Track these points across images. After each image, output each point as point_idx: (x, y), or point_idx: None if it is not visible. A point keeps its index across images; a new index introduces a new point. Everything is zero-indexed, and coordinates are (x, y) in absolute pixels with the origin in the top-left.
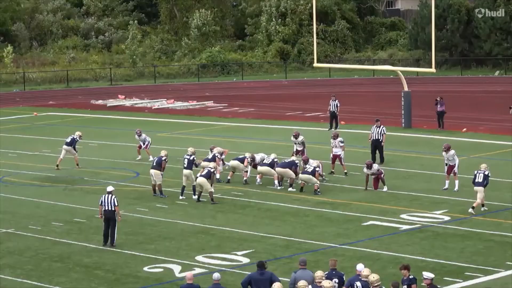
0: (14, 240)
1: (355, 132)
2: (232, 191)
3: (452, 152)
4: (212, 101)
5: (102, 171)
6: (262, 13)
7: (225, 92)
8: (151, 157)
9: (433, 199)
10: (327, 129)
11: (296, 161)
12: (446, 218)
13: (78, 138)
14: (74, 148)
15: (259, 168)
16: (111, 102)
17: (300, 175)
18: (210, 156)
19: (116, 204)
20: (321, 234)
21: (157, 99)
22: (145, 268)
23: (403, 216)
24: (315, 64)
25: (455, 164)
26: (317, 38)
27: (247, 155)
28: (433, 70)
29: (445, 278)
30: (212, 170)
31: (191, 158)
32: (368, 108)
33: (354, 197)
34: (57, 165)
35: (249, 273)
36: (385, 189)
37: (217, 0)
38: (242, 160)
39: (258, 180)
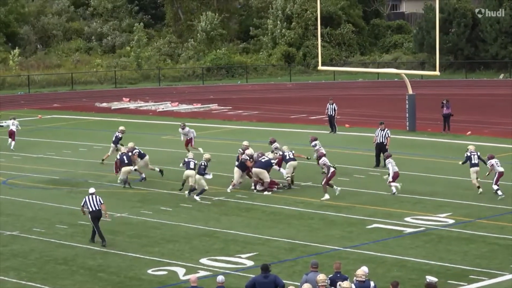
0: (18, 242)
1: (360, 135)
2: (237, 193)
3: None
4: (216, 104)
5: (107, 173)
6: (268, 16)
7: (230, 95)
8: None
9: (437, 202)
10: (329, 132)
11: (273, 161)
12: (450, 221)
13: (120, 135)
14: (116, 146)
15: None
16: (115, 105)
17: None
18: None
19: (102, 202)
20: (325, 237)
21: (161, 101)
22: (149, 271)
23: (407, 219)
24: (320, 67)
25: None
26: (322, 41)
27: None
28: (437, 73)
29: (449, 282)
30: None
31: (195, 160)
32: (373, 111)
33: (358, 200)
34: (103, 160)
35: (253, 276)
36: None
37: (224, 2)
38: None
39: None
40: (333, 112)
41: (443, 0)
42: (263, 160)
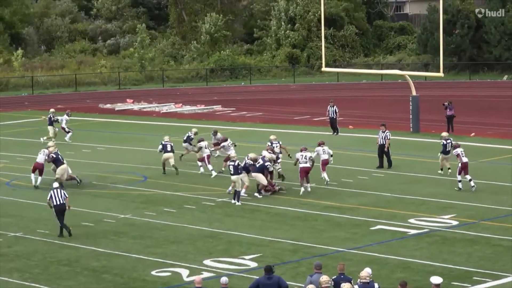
0: (22, 243)
1: (363, 136)
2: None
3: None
4: (220, 105)
5: (110, 175)
6: (271, 17)
7: (233, 96)
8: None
9: (441, 204)
10: (331, 133)
11: (267, 164)
12: (454, 222)
13: (192, 135)
14: (190, 144)
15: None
16: (119, 106)
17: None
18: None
19: (67, 196)
20: (329, 238)
21: (165, 103)
22: (153, 272)
23: (411, 220)
24: (324, 69)
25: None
26: (325, 42)
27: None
28: (441, 74)
29: (453, 283)
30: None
31: (236, 164)
32: (376, 113)
33: (362, 201)
34: (181, 156)
35: (257, 277)
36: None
37: (228, 4)
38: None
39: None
40: (334, 114)
41: (447, 2)
42: (257, 165)
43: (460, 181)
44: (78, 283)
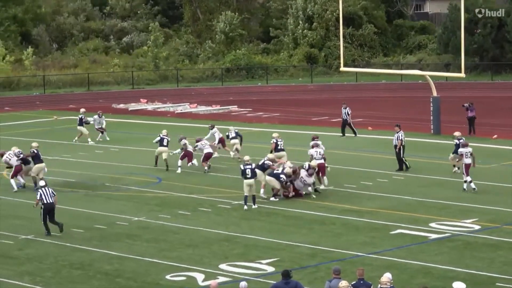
0: (33, 246)
1: (382, 138)
2: (257, 197)
3: None
4: (236, 106)
5: (124, 176)
6: (288, 16)
7: (250, 96)
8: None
9: (463, 208)
10: (340, 136)
11: (282, 178)
12: (477, 227)
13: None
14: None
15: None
16: (133, 106)
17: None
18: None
19: (55, 194)
20: (348, 242)
21: (180, 103)
22: (168, 276)
23: (432, 224)
24: (342, 68)
25: None
26: (344, 42)
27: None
28: (462, 75)
29: None
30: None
31: (253, 166)
32: (396, 114)
33: (382, 204)
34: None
35: (274, 282)
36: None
37: (244, 2)
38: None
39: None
40: (347, 116)
41: (468, 0)
42: (274, 172)
43: (465, 181)
44: (90, 287)
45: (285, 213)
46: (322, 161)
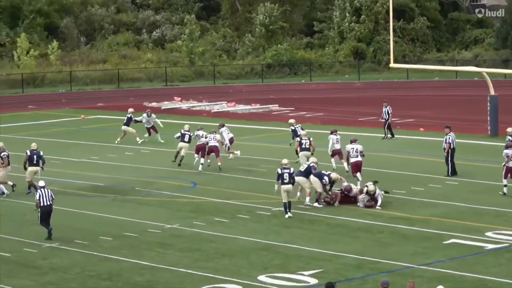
0: (58, 255)
1: (435, 140)
2: (299, 204)
3: None
4: (277, 105)
5: (155, 180)
6: (334, 8)
7: (292, 94)
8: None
9: None
10: (382, 138)
11: (325, 180)
12: None
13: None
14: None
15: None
16: (166, 105)
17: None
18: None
19: (54, 197)
20: (397, 253)
21: (216, 101)
22: None
23: (488, 233)
24: (392, 65)
25: None
26: (394, 36)
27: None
28: None
29: None
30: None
31: (291, 171)
32: (450, 114)
33: (434, 212)
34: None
35: None
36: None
37: None
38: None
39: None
40: (387, 116)
41: None
42: (321, 172)
43: (505, 185)
44: None
45: (329, 220)
46: (359, 158)
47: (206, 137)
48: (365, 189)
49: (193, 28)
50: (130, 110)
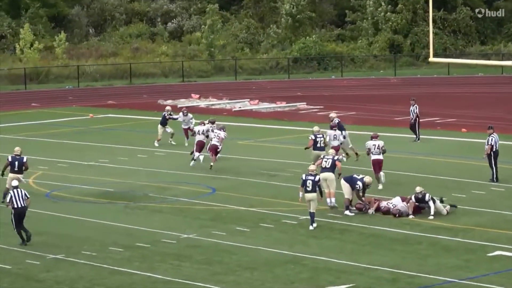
0: (63, 268)
1: (478, 141)
2: (328, 211)
3: None
4: (305, 103)
5: (171, 185)
6: None
7: (321, 91)
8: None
9: None
10: (414, 140)
11: (358, 185)
12: None
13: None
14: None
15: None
16: (182, 103)
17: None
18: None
19: (28, 197)
20: (437, 266)
21: (238, 99)
22: None
23: None
24: (431, 59)
25: None
26: (434, 27)
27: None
28: None
29: None
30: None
31: (316, 179)
32: (496, 113)
33: (478, 221)
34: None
35: None
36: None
37: None
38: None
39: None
40: (414, 116)
41: None
42: (352, 175)
43: None
44: None
45: (362, 230)
46: (381, 156)
47: (203, 133)
48: (413, 197)
49: (215, 19)
50: (168, 108)
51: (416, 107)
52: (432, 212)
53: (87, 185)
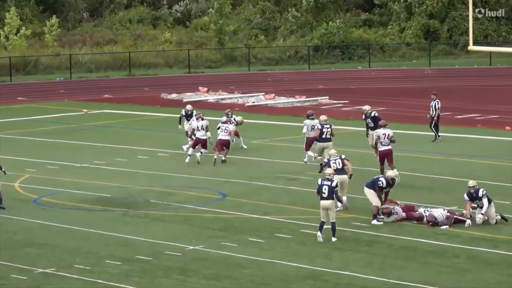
0: (54, 283)
1: None
2: (354, 220)
3: None
4: (327, 97)
5: (176, 190)
6: None
7: (346, 84)
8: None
9: None
10: (434, 140)
11: (380, 182)
12: None
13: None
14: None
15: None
16: (189, 97)
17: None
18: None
19: None
20: (476, 281)
21: (252, 93)
22: None
23: None
24: (471, 47)
25: None
26: (474, 12)
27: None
28: None
29: None
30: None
31: (334, 184)
32: None
33: None
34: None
35: None
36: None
37: None
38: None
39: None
40: (434, 112)
41: None
42: (373, 178)
43: None
44: None
45: (392, 241)
46: (389, 147)
47: (203, 128)
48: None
49: (223, 2)
50: (188, 107)
51: (437, 102)
52: (483, 211)
53: (81, 190)
